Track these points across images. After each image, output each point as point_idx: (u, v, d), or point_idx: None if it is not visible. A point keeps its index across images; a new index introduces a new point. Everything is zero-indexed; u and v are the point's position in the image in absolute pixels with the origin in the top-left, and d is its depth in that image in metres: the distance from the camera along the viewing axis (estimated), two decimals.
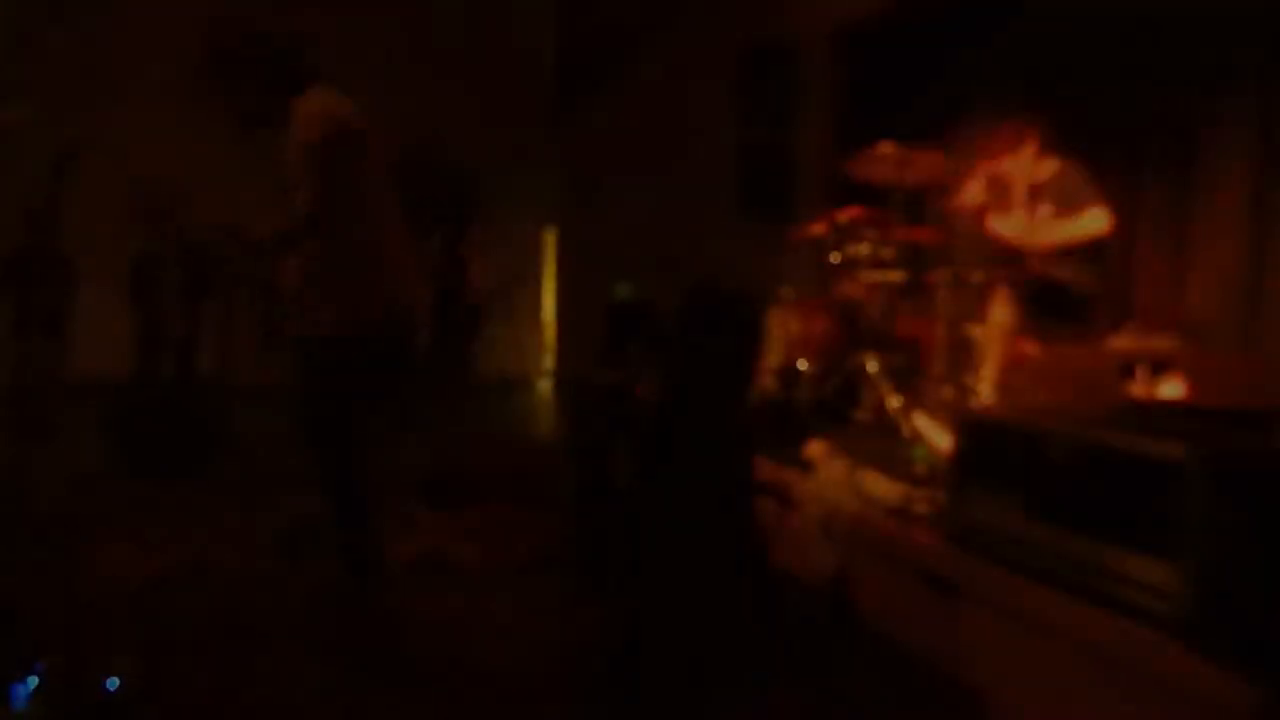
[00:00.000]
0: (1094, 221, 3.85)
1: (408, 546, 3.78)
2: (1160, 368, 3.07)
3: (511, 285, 10.26)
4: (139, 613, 3.06)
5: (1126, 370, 3.11)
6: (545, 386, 10.66)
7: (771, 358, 4.31)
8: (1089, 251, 3.91)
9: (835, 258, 4.30)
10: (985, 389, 3.72)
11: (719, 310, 2.95)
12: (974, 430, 2.32)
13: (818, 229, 4.48)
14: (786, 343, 4.28)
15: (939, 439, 3.22)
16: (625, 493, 3.34)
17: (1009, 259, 4.01)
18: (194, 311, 5.37)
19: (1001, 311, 3.76)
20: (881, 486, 2.79)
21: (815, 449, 3.28)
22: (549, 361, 11.13)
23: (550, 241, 11.18)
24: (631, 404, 3.57)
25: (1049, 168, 4.02)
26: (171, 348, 5.31)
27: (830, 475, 2.89)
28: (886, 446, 3.47)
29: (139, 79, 7.87)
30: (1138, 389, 3.03)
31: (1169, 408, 2.95)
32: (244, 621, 3.00)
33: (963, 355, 3.97)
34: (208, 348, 5.54)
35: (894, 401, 3.83)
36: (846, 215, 4.26)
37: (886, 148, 4.02)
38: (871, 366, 3.99)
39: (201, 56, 2.93)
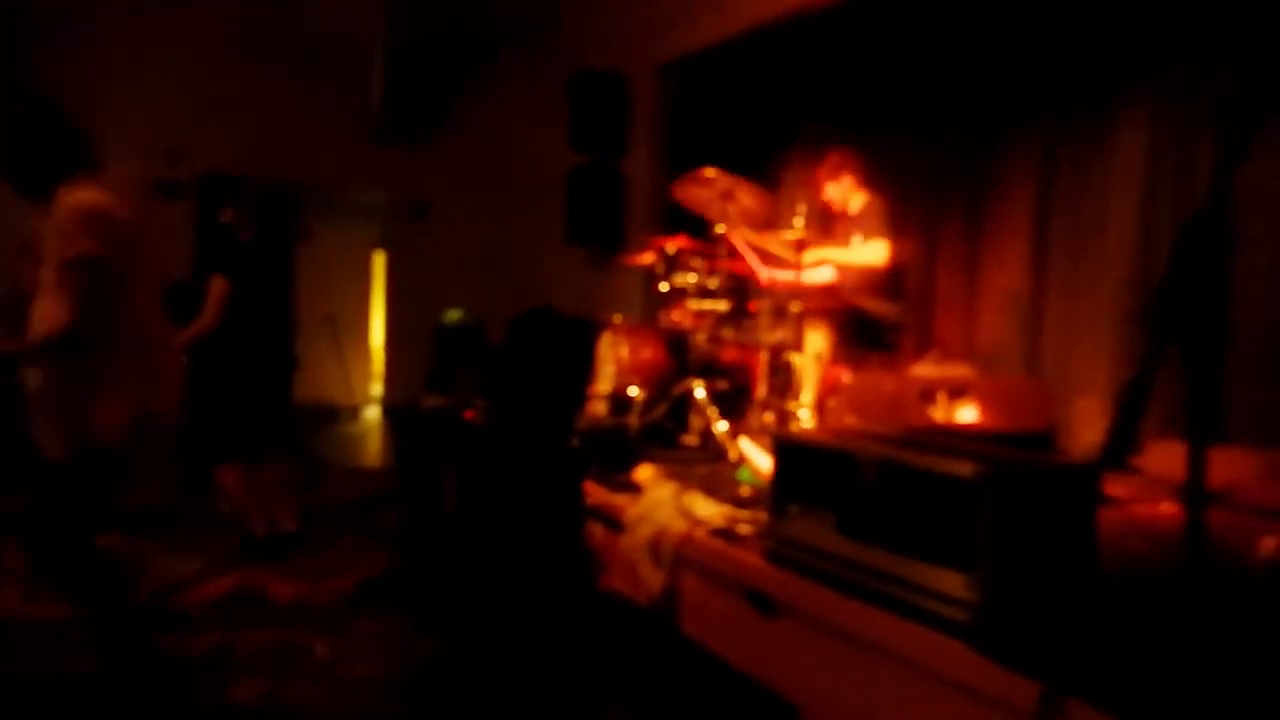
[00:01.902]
0: (872, 252, 4.10)
1: (220, 582, 3.58)
2: (957, 393, 3.33)
3: (339, 309, 9.93)
4: None
5: (928, 395, 3.36)
6: (373, 414, 10.34)
7: (602, 383, 4.36)
8: (894, 285, 4.19)
9: (664, 286, 4.41)
10: (803, 413, 3.91)
11: (548, 336, 2.97)
12: (790, 452, 2.42)
13: (646, 258, 4.58)
14: (617, 368, 4.34)
15: (762, 461, 3.34)
16: (454, 519, 3.30)
17: (824, 291, 4.24)
18: None
19: (818, 340, 3.96)
20: (707, 508, 2.86)
21: (644, 472, 3.34)
22: (377, 388, 10.81)
23: (380, 265, 10.90)
24: (460, 429, 3.53)
25: (861, 200, 4.29)
26: None
27: (658, 498, 2.95)
28: (713, 469, 3.58)
29: None
30: (938, 412, 3.27)
31: (964, 430, 3.20)
32: (34, 675, 2.74)
33: (783, 381, 4.16)
34: None
35: (720, 426, 3.96)
36: (674, 245, 4.38)
37: (710, 172, 4.15)
38: (699, 392, 4.11)
39: None
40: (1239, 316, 3.43)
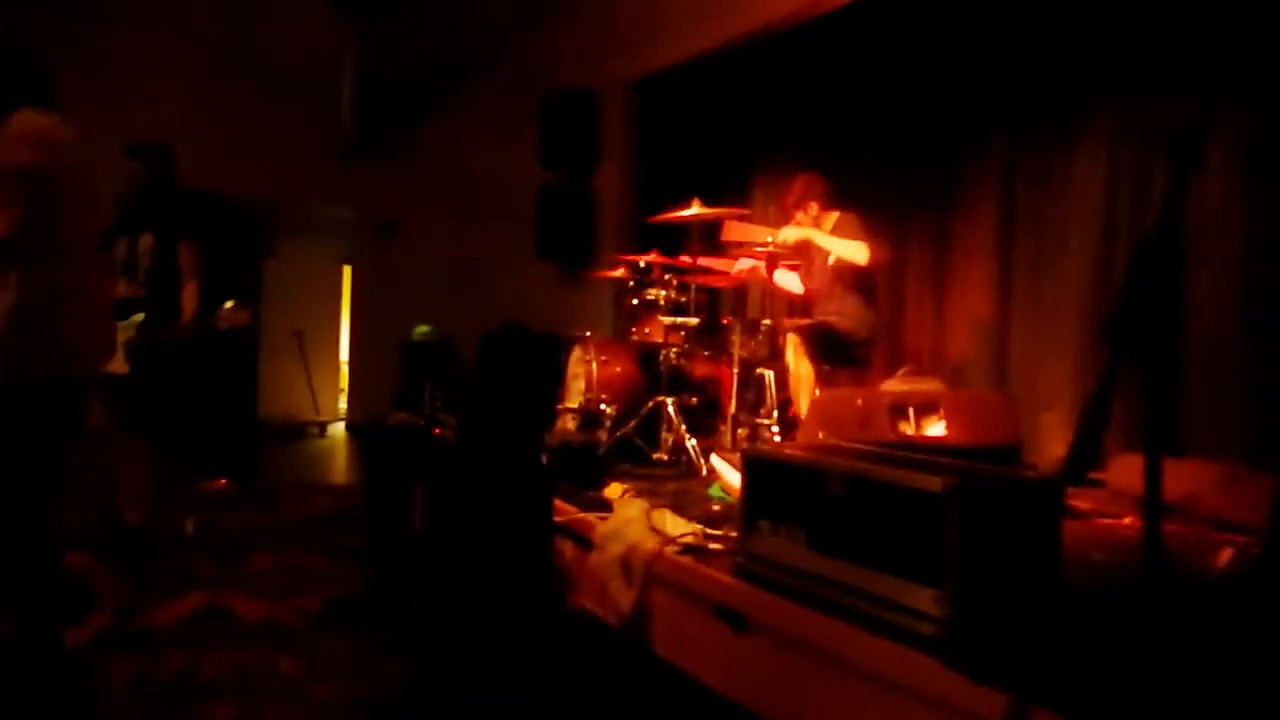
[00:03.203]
0: (854, 249, 4.11)
1: (184, 601, 3.52)
2: (926, 407, 3.37)
3: (305, 324, 9.83)
4: None
5: (898, 410, 3.39)
6: (339, 430, 10.24)
7: (572, 399, 4.36)
8: (869, 291, 4.23)
9: (634, 301, 4.43)
10: (774, 428, 3.93)
11: (518, 351, 2.96)
12: (759, 468, 2.42)
13: (617, 272, 4.60)
14: (587, 384, 4.34)
15: (732, 477, 3.35)
16: (422, 537, 3.27)
17: (796, 307, 4.28)
18: None
19: (789, 355, 3.99)
20: (678, 525, 2.86)
21: (614, 489, 3.33)
22: (343, 404, 10.71)
23: (347, 279, 10.83)
24: (429, 446, 3.50)
25: (831, 219, 4.33)
26: None
27: (628, 515, 2.94)
28: (684, 485, 3.59)
29: None
30: (907, 427, 3.31)
31: (932, 444, 3.23)
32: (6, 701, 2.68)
33: (755, 396, 4.18)
34: None
35: (690, 441, 3.96)
36: (645, 260, 4.40)
37: (688, 207, 4.17)
38: (669, 407, 4.11)
39: None
40: (1191, 331, 3.52)
